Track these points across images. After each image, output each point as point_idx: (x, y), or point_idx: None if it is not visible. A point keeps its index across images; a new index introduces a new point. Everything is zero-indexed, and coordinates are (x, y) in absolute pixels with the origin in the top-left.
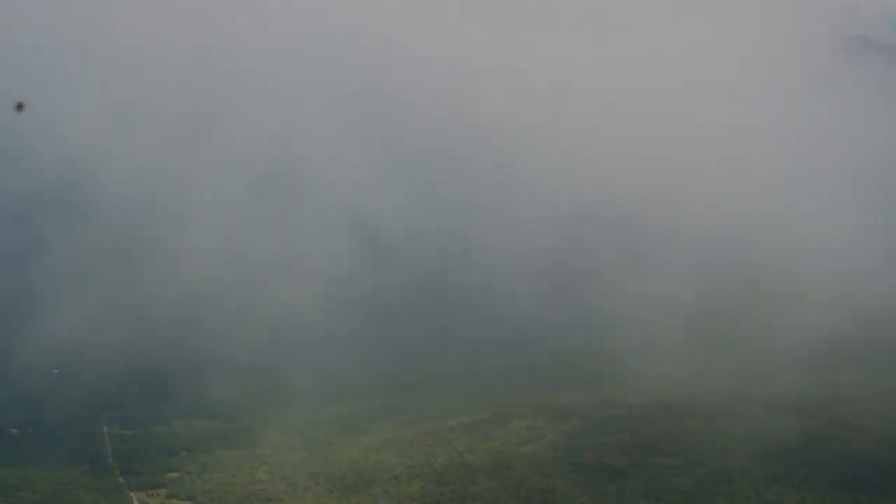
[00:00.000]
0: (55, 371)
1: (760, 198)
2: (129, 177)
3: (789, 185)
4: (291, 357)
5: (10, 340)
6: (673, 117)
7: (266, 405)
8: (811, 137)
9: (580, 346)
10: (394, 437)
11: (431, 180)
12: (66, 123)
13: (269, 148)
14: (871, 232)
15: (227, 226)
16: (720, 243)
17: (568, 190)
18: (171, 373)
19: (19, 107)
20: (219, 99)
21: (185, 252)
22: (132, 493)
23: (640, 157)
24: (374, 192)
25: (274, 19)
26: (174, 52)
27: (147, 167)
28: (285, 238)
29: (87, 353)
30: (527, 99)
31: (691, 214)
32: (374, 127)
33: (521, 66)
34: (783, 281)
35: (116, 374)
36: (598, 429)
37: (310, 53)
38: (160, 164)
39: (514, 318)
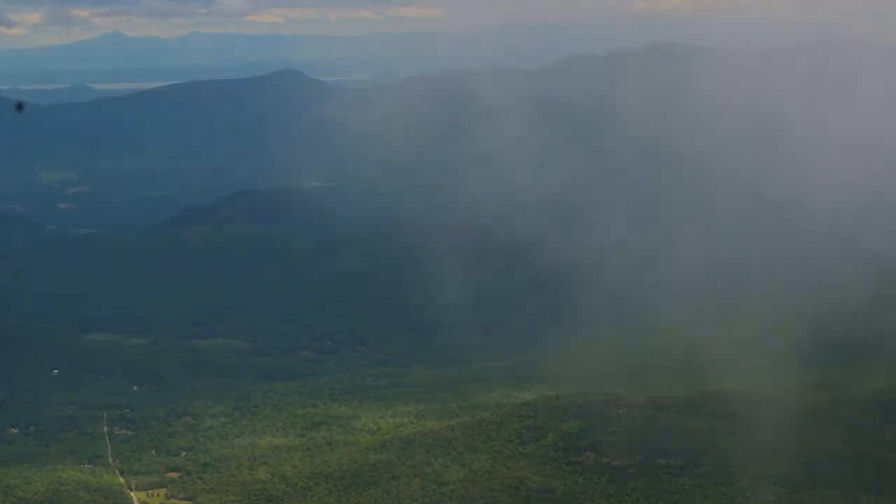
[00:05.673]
0: (55, 371)
1: None
2: None
3: None
4: None
5: None
6: None
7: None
8: None
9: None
10: (394, 437)
11: None
12: None
13: None
14: None
15: None
16: None
17: None
18: (171, 372)
19: (19, 106)
20: None
21: None
22: (132, 493)
23: None
24: None
25: None
26: None
27: None
28: None
29: None
30: None
31: None
32: None
33: None
34: None
35: (116, 373)
36: (598, 429)
37: None
38: None
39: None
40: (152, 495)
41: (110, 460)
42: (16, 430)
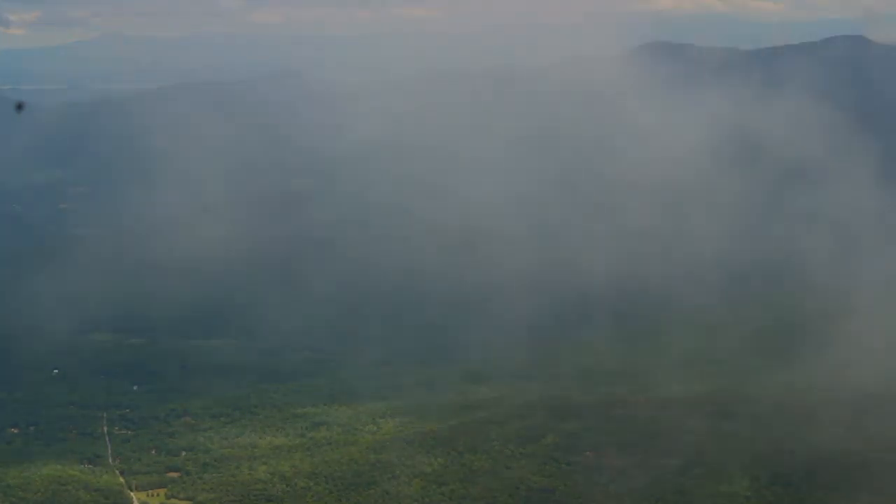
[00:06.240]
0: (55, 371)
1: None
2: None
3: None
4: None
5: None
6: None
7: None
8: None
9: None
10: (394, 437)
11: None
12: None
13: None
14: None
15: None
16: None
17: None
18: (171, 372)
19: (19, 107)
20: None
21: None
22: (132, 493)
23: None
24: None
25: None
26: None
27: None
28: None
29: None
30: None
31: None
32: None
33: None
34: None
35: (116, 373)
36: (598, 429)
37: None
38: None
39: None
40: (152, 495)
41: (110, 460)
42: (16, 430)
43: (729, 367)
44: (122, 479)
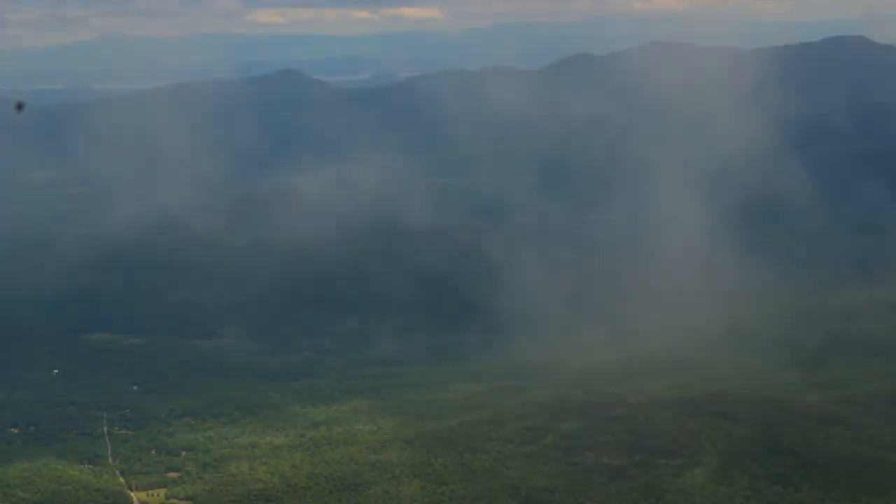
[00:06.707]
0: (55, 371)
1: None
2: None
3: None
4: None
5: None
6: None
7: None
8: None
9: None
10: (394, 438)
11: None
12: None
13: None
14: None
15: None
16: None
17: None
18: (171, 372)
19: (19, 107)
20: None
21: None
22: (132, 493)
23: None
24: None
25: None
26: None
27: None
28: None
29: None
30: None
31: None
32: None
33: None
34: None
35: (116, 373)
36: (598, 429)
37: None
38: None
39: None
40: (152, 495)
41: (110, 460)
42: (16, 430)
43: None
44: (122, 479)
